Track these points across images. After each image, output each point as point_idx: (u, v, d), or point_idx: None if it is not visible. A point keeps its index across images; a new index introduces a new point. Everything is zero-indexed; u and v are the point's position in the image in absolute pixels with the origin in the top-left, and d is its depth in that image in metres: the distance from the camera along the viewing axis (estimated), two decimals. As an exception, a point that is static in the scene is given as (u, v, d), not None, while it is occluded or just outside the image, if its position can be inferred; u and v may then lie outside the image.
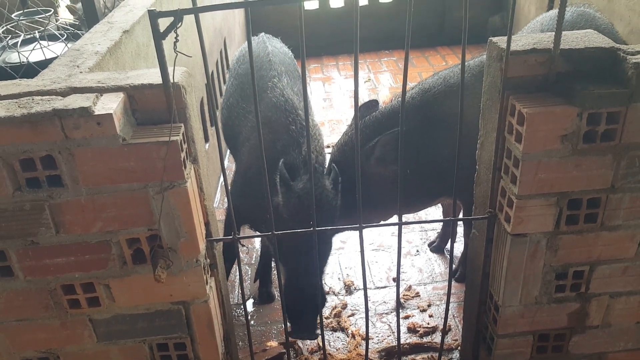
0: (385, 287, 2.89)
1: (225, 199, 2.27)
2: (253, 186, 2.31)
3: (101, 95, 1.46)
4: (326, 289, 2.88)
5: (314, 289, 2.02)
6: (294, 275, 2.20)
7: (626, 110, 1.52)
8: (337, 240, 3.20)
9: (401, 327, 2.17)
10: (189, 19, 1.44)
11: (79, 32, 2.98)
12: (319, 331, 2.09)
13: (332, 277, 2.97)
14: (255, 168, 2.38)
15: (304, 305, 2.15)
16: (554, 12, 2.93)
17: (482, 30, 5.76)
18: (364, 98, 5.02)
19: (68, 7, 3.50)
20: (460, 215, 2.68)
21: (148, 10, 1.40)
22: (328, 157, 2.60)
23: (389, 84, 5.44)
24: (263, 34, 3.31)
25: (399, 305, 2.24)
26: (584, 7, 2.95)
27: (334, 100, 5.24)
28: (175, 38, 1.40)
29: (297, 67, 3.10)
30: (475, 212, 1.91)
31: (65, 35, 2.90)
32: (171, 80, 1.47)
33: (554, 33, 1.54)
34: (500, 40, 1.61)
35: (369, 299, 1.99)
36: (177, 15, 1.38)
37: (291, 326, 2.17)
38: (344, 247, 3.20)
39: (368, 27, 5.93)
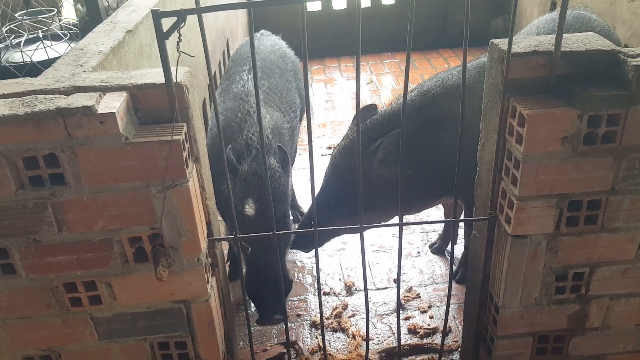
0: (386, 288, 2.89)
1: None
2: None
3: (104, 95, 1.47)
4: (327, 289, 2.88)
5: (275, 273, 1.99)
6: (254, 261, 2.25)
7: (626, 113, 1.52)
8: (338, 241, 3.20)
9: (402, 328, 2.18)
10: (191, 20, 1.45)
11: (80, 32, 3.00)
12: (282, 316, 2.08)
13: (332, 278, 2.97)
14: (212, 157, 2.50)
15: (267, 290, 2.18)
16: (550, 15, 2.93)
17: (484, 33, 5.76)
18: (366, 100, 5.03)
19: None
20: (462, 217, 2.69)
21: (151, 10, 1.40)
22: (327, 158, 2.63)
23: (391, 85, 5.45)
24: (263, 30, 3.43)
25: (400, 306, 2.24)
26: (579, 9, 2.95)
27: (336, 102, 5.25)
28: (179, 38, 1.41)
29: (285, 63, 3.22)
30: (476, 214, 1.91)
31: (69, 35, 2.92)
32: (174, 80, 1.47)
33: (554, 35, 1.55)
34: (502, 42, 1.61)
35: (369, 299, 1.99)
36: (180, 15, 1.39)
37: (258, 313, 2.20)
38: (345, 248, 3.21)
39: (370, 29, 5.93)
